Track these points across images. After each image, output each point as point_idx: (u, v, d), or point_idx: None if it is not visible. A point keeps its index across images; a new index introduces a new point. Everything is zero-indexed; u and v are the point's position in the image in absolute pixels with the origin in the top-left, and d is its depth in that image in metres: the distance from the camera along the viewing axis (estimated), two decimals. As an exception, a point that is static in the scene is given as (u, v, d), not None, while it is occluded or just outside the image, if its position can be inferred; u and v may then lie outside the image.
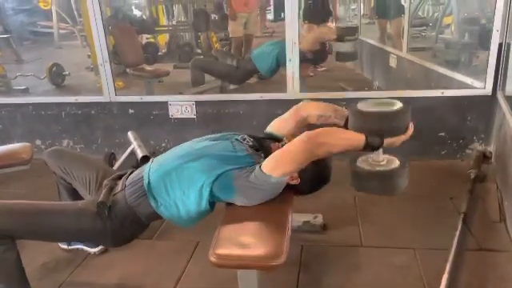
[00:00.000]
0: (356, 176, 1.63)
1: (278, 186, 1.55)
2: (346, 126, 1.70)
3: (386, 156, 1.64)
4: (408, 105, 1.57)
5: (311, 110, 1.85)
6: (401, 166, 1.60)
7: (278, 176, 1.51)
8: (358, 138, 1.51)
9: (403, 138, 1.55)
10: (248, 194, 1.56)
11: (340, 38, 4.09)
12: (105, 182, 1.76)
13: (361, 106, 1.60)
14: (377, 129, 1.51)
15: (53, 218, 1.62)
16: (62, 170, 1.94)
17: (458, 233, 2.07)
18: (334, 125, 1.77)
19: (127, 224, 1.66)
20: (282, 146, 1.65)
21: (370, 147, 1.52)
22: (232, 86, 4.42)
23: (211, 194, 1.58)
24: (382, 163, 1.61)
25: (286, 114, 1.91)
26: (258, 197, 1.57)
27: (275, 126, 1.91)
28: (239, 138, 1.76)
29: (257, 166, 1.56)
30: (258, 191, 1.55)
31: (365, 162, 1.64)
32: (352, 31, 4.45)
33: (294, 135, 1.73)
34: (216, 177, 1.56)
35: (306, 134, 1.51)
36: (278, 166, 1.52)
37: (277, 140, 1.82)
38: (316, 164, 1.58)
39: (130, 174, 1.76)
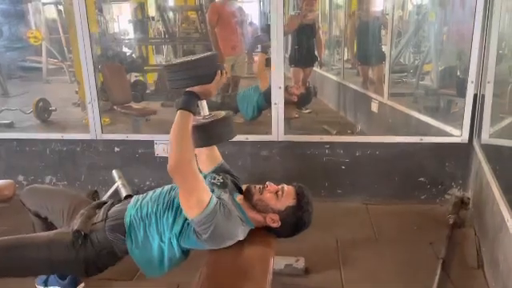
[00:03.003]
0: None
1: (213, 213, 1.47)
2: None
3: (215, 112, 1.63)
4: (211, 54, 1.58)
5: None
6: (223, 117, 1.59)
7: (201, 209, 1.45)
8: (177, 115, 1.46)
9: (216, 83, 1.53)
10: (211, 241, 1.53)
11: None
12: (81, 210, 1.74)
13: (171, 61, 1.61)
14: (185, 78, 1.50)
15: (22, 251, 1.58)
16: (38, 205, 1.92)
17: (437, 278, 2.10)
18: None
19: (103, 254, 1.64)
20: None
21: (187, 106, 1.47)
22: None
23: (179, 244, 1.59)
24: (208, 117, 1.60)
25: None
26: (220, 238, 1.52)
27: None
28: (210, 179, 1.73)
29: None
30: (214, 234, 1.49)
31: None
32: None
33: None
34: (180, 229, 1.56)
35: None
36: (191, 205, 1.47)
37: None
38: (296, 209, 1.61)
39: (111, 206, 1.75)
